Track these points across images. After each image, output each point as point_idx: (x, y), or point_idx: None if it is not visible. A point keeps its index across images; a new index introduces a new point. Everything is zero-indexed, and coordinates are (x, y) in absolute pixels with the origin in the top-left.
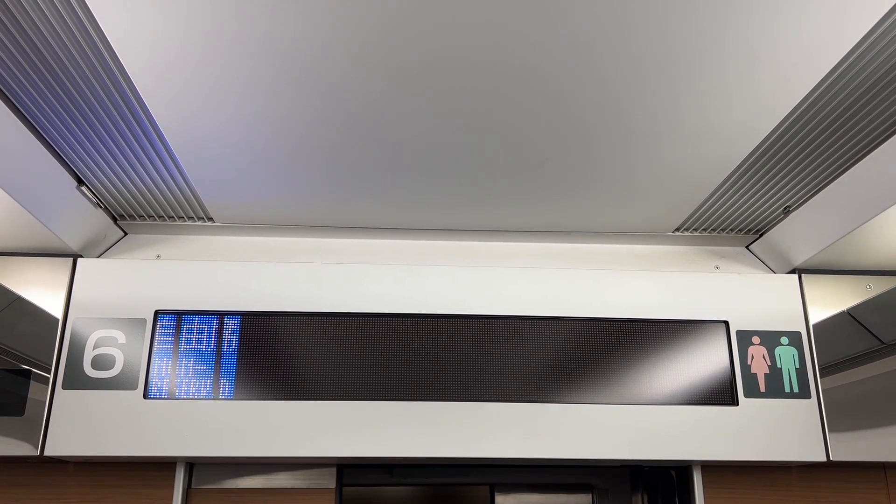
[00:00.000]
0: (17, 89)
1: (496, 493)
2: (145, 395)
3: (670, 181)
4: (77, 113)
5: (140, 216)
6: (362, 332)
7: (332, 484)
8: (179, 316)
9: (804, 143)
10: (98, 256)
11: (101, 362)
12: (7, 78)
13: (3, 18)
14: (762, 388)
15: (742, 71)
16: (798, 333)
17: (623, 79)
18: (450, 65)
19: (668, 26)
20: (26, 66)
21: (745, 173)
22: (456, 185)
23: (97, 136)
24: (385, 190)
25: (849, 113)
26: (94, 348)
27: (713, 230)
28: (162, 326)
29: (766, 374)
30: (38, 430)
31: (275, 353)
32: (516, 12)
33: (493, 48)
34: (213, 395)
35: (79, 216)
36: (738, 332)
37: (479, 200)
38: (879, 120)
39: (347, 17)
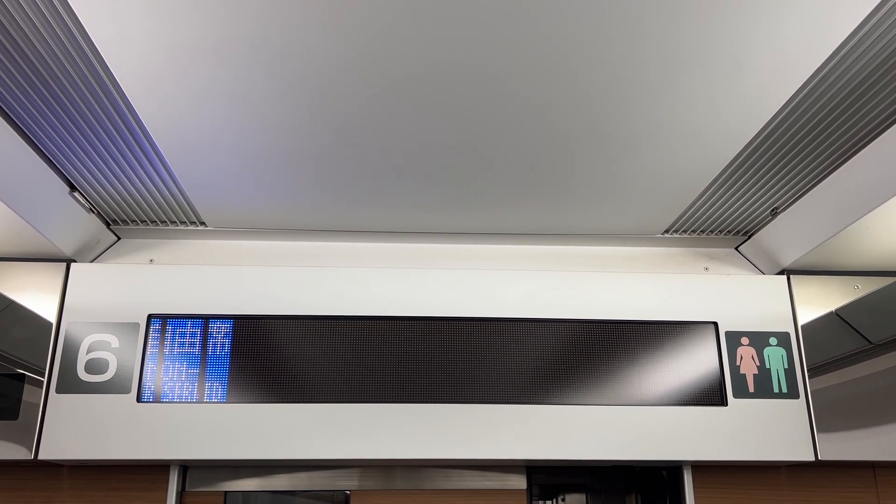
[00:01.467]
0: (7, 97)
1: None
2: (139, 399)
3: (659, 184)
4: (68, 119)
5: (133, 221)
6: (354, 336)
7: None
8: (172, 320)
9: (790, 145)
10: (91, 261)
11: (94, 366)
12: None
13: None
14: (751, 389)
15: (726, 75)
16: (787, 334)
17: (611, 83)
18: (438, 70)
19: (653, 33)
20: (16, 74)
21: (733, 175)
22: (446, 189)
23: (88, 142)
24: (375, 194)
25: (833, 115)
26: (88, 352)
27: (702, 232)
28: (155, 330)
29: (754, 375)
30: (32, 433)
31: (267, 356)
32: (503, 17)
33: (481, 53)
34: (206, 399)
35: (72, 221)
36: (728, 333)
37: (470, 204)
38: (864, 122)
39: (337, 22)
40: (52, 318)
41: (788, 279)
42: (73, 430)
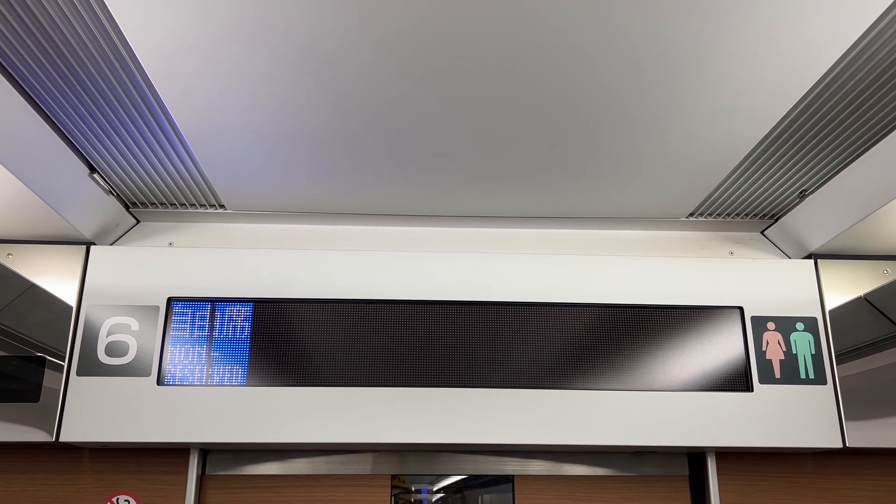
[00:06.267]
0: (30, 78)
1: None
2: (159, 382)
3: (683, 166)
4: (90, 101)
5: (152, 204)
6: (374, 319)
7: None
8: (192, 303)
9: (819, 126)
10: (111, 244)
11: (114, 349)
12: (20, 67)
13: (17, 8)
14: (777, 375)
15: (754, 54)
16: (814, 319)
17: (635, 64)
18: (460, 53)
19: (680, 13)
20: (39, 55)
21: (760, 157)
22: (468, 173)
23: (109, 124)
24: (396, 177)
25: (864, 96)
26: (108, 335)
27: (728, 215)
28: (175, 313)
29: (781, 361)
30: (52, 416)
31: (287, 339)
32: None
33: (506, 36)
34: (226, 382)
35: (91, 204)
36: (753, 318)
37: (492, 187)
38: None
39: (360, 5)
40: (73, 301)
41: (816, 263)
42: (93, 412)
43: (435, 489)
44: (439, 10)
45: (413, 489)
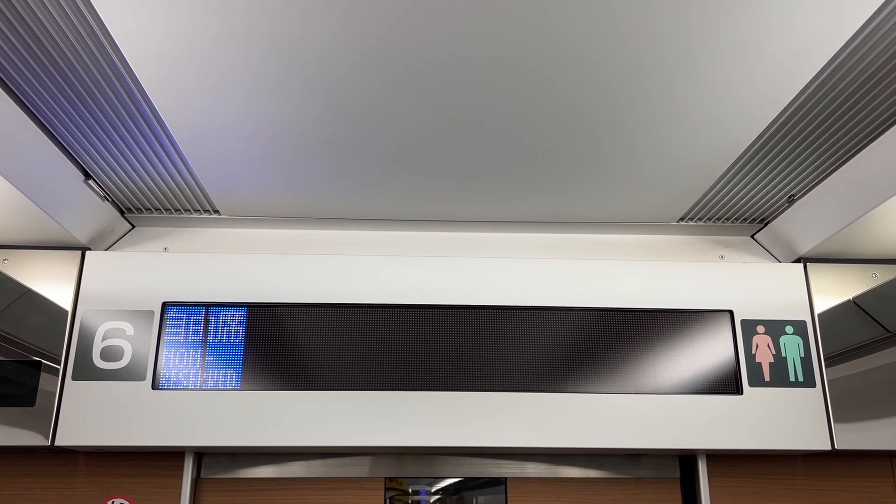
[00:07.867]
0: (23, 85)
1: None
2: (153, 386)
3: (674, 171)
4: (83, 108)
5: (147, 209)
6: (367, 323)
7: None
8: (187, 307)
9: (808, 131)
10: (106, 249)
11: (109, 353)
12: (14, 74)
13: (9, 15)
14: (767, 378)
15: (743, 60)
16: (803, 322)
17: (625, 69)
18: (451, 57)
19: (669, 17)
20: (32, 63)
21: (749, 162)
22: (460, 177)
23: (103, 130)
24: (390, 181)
25: (852, 101)
26: (103, 340)
27: (718, 220)
28: (169, 318)
29: (770, 364)
30: (48, 420)
31: (281, 343)
32: (517, 5)
33: (494, 41)
34: (221, 386)
35: (86, 209)
36: (743, 322)
37: (484, 191)
38: (883, 107)
39: (350, 11)
40: (68, 306)
41: (805, 267)
42: (88, 416)
43: (433, 490)
44: (430, 15)
45: (410, 490)
